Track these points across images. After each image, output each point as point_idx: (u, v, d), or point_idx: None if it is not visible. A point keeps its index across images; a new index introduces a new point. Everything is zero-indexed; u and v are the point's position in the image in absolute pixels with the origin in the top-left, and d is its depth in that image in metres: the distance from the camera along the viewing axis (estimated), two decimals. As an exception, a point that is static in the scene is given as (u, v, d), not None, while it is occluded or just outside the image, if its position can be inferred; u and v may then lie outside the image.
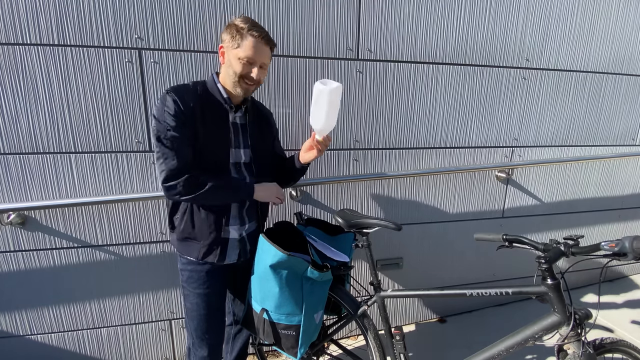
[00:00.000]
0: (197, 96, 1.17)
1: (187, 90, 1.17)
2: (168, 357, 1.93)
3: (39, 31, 1.45)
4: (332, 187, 1.91)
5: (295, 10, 1.67)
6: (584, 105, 2.23)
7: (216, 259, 1.26)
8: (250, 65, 1.15)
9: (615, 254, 0.98)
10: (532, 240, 1.16)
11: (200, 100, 1.17)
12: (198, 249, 1.25)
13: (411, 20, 1.82)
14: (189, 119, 1.13)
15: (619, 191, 2.49)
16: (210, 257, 1.26)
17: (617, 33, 2.16)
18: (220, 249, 1.26)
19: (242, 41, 1.11)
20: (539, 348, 1.93)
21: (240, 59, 1.13)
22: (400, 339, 1.41)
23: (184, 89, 1.17)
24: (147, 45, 1.56)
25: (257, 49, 1.13)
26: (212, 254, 1.26)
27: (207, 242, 1.25)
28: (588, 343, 1.11)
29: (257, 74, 1.15)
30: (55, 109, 1.53)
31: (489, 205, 2.21)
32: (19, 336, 1.73)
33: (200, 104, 1.16)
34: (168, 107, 1.11)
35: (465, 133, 2.05)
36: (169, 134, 1.11)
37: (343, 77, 1.80)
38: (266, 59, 1.17)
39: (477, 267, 2.29)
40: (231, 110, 1.24)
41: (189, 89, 1.18)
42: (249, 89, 1.20)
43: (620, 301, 2.42)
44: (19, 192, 1.57)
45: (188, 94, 1.16)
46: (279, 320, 1.26)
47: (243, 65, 1.14)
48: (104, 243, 1.69)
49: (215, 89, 1.22)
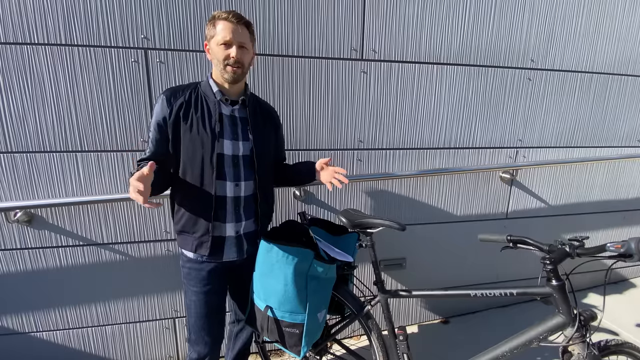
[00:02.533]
0: (184, 94, 1.24)
1: (179, 90, 1.25)
2: (171, 356, 1.93)
3: (47, 31, 1.47)
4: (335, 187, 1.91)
5: (300, 11, 1.68)
6: (589, 106, 2.22)
7: (208, 252, 1.27)
8: (228, 47, 1.19)
9: (621, 255, 0.97)
10: (536, 241, 1.16)
11: (187, 98, 1.23)
12: (191, 242, 1.28)
13: (416, 20, 1.82)
14: (168, 117, 1.21)
15: (624, 192, 2.47)
16: (202, 250, 1.27)
17: (623, 34, 2.15)
18: (212, 243, 1.27)
19: (216, 27, 1.18)
20: (544, 350, 1.92)
21: (219, 44, 1.18)
22: (403, 339, 1.41)
23: (176, 89, 1.25)
24: (153, 45, 1.57)
25: (229, 29, 1.17)
26: (203, 247, 1.27)
27: (198, 234, 1.27)
28: (593, 345, 1.11)
29: (236, 53, 1.19)
30: (62, 108, 1.54)
31: (493, 206, 2.21)
32: (24, 333, 1.74)
33: (186, 101, 1.23)
34: (156, 106, 1.23)
35: (469, 134, 2.05)
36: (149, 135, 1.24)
37: (347, 77, 1.80)
38: (243, 39, 1.21)
39: (480, 268, 2.28)
40: (227, 103, 1.27)
41: (180, 89, 1.25)
42: (236, 72, 1.22)
43: (625, 303, 2.41)
44: (26, 190, 1.58)
45: (177, 93, 1.24)
46: (283, 318, 1.27)
47: (222, 48, 1.19)
48: (110, 241, 1.71)
49: (207, 85, 1.28)
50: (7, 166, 1.55)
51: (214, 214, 1.25)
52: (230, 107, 1.28)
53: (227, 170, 1.26)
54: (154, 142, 1.23)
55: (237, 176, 1.28)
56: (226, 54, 1.19)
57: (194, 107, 1.23)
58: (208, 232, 1.26)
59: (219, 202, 1.26)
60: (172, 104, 1.21)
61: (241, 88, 1.31)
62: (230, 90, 1.28)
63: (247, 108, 1.31)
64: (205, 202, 1.24)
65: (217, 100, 1.25)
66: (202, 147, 1.22)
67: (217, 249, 1.29)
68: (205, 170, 1.23)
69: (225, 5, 1.59)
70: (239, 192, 1.29)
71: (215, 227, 1.27)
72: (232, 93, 1.29)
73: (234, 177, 1.27)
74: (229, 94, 1.28)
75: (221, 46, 1.18)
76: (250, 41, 1.24)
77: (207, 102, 1.25)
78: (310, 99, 1.79)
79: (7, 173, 1.55)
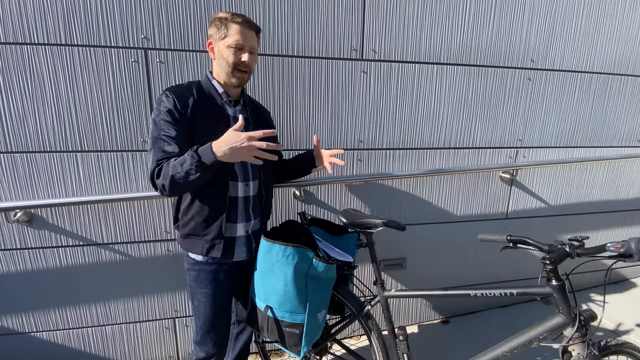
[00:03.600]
0: (192, 93, 1.21)
1: (183, 88, 1.22)
2: (171, 356, 1.93)
3: (47, 31, 1.47)
4: (336, 187, 1.92)
5: (300, 11, 1.68)
6: (589, 106, 2.22)
7: (220, 254, 1.26)
8: (240, 51, 1.19)
9: (621, 255, 0.97)
10: (536, 241, 1.16)
11: (196, 97, 1.21)
12: (202, 245, 1.26)
13: (416, 20, 1.82)
14: (184, 115, 1.16)
15: (623, 192, 2.47)
16: (213, 252, 1.26)
17: (623, 34, 2.15)
18: (224, 245, 1.26)
19: (228, 30, 1.17)
20: (544, 350, 1.92)
21: (230, 47, 1.17)
22: (403, 339, 1.41)
23: (180, 87, 1.22)
24: (153, 45, 1.57)
25: (243, 34, 1.17)
26: (214, 249, 1.26)
27: (210, 237, 1.25)
28: (593, 344, 1.11)
29: (247, 58, 1.19)
30: (62, 108, 1.54)
31: (493, 206, 2.21)
32: (24, 333, 1.74)
33: (197, 101, 1.20)
34: (164, 105, 1.15)
35: (469, 133, 2.05)
36: (161, 134, 1.14)
37: (347, 77, 1.80)
38: (254, 43, 1.22)
39: (480, 268, 2.28)
40: (230, 104, 1.27)
41: (184, 88, 1.22)
42: (244, 77, 1.23)
43: (625, 303, 2.41)
44: (26, 190, 1.58)
45: (184, 91, 1.20)
46: (283, 318, 1.27)
47: (234, 52, 1.18)
48: (109, 241, 1.71)
49: (210, 85, 1.26)
50: (7, 166, 1.55)
51: (226, 215, 1.25)
52: (233, 108, 1.29)
53: (237, 170, 1.27)
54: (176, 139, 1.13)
55: (246, 176, 1.29)
56: (238, 58, 1.19)
57: (205, 107, 1.22)
58: (221, 235, 1.25)
59: (232, 203, 1.26)
60: (187, 103, 1.17)
61: (242, 87, 1.32)
62: (234, 90, 1.29)
63: (247, 108, 1.33)
64: (219, 204, 1.24)
65: (223, 101, 1.26)
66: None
67: (228, 250, 1.29)
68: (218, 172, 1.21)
69: (225, 5, 1.59)
70: (248, 191, 1.30)
71: (227, 228, 1.27)
72: (235, 93, 1.30)
73: (243, 177, 1.28)
74: (232, 95, 1.29)
75: (232, 49, 1.17)
76: (257, 46, 1.26)
77: (211, 103, 1.24)
78: (310, 99, 1.79)
79: (7, 173, 1.55)
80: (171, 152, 1.13)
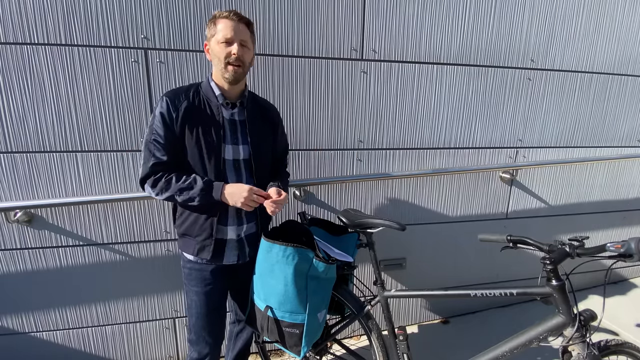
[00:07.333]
0: (188, 97, 1.22)
1: (180, 92, 1.23)
2: (171, 356, 1.93)
3: (47, 31, 1.46)
4: (335, 187, 1.92)
5: (300, 11, 1.68)
6: (589, 106, 2.22)
7: (209, 256, 1.27)
8: (229, 45, 1.18)
9: (621, 255, 0.97)
10: (536, 241, 1.16)
11: (191, 101, 1.22)
12: (193, 246, 1.28)
13: (416, 20, 1.82)
14: (174, 119, 1.19)
15: (623, 193, 2.47)
16: (203, 254, 1.27)
17: (623, 34, 2.15)
18: (214, 247, 1.27)
19: (217, 26, 1.18)
20: (544, 350, 1.92)
21: (220, 42, 1.18)
22: (403, 339, 1.41)
23: (177, 92, 1.23)
24: (153, 45, 1.57)
25: (231, 27, 1.17)
26: (205, 251, 1.27)
27: (201, 238, 1.27)
28: (593, 344, 1.11)
29: (237, 50, 1.18)
30: (62, 108, 1.54)
31: (493, 206, 2.21)
32: (24, 333, 1.74)
33: (190, 104, 1.21)
34: (158, 109, 1.19)
35: (469, 133, 2.05)
36: (151, 137, 1.19)
37: (347, 77, 1.80)
38: (244, 36, 1.21)
39: (480, 268, 2.28)
40: (227, 106, 1.26)
41: (182, 92, 1.23)
42: (237, 72, 1.21)
43: (625, 303, 2.41)
44: (26, 190, 1.58)
45: (180, 96, 1.22)
46: (283, 318, 1.27)
47: (224, 47, 1.17)
48: (109, 241, 1.71)
49: (208, 87, 1.26)
50: (7, 166, 1.55)
51: (217, 217, 1.26)
52: (230, 111, 1.28)
53: (229, 174, 1.26)
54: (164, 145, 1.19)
55: (238, 180, 1.28)
56: (227, 52, 1.18)
57: (198, 111, 1.22)
58: (211, 236, 1.26)
59: (223, 206, 1.26)
60: (178, 108, 1.19)
61: (241, 89, 1.30)
62: (232, 92, 1.27)
63: (245, 110, 1.31)
64: (210, 206, 1.24)
65: (219, 104, 1.25)
66: (206, 152, 1.22)
67: (218, 252, 1.29)
68: (209, 174, 1.23)
69: (225, 5, 1.59)
70: None
71: (218, 230, 1.27)
72: (233, 95, 1.28)
73: (236, 181, 1.28)
74: (230, 96, 1.28)
75: (222, 44, 1.17)
76: (250, 40, 1.24)
77: (210, 106, 1.24)
78: (310, 99, 1.79)
79: (7, 173, 1.55)
80: (160, 159, 1.20)
